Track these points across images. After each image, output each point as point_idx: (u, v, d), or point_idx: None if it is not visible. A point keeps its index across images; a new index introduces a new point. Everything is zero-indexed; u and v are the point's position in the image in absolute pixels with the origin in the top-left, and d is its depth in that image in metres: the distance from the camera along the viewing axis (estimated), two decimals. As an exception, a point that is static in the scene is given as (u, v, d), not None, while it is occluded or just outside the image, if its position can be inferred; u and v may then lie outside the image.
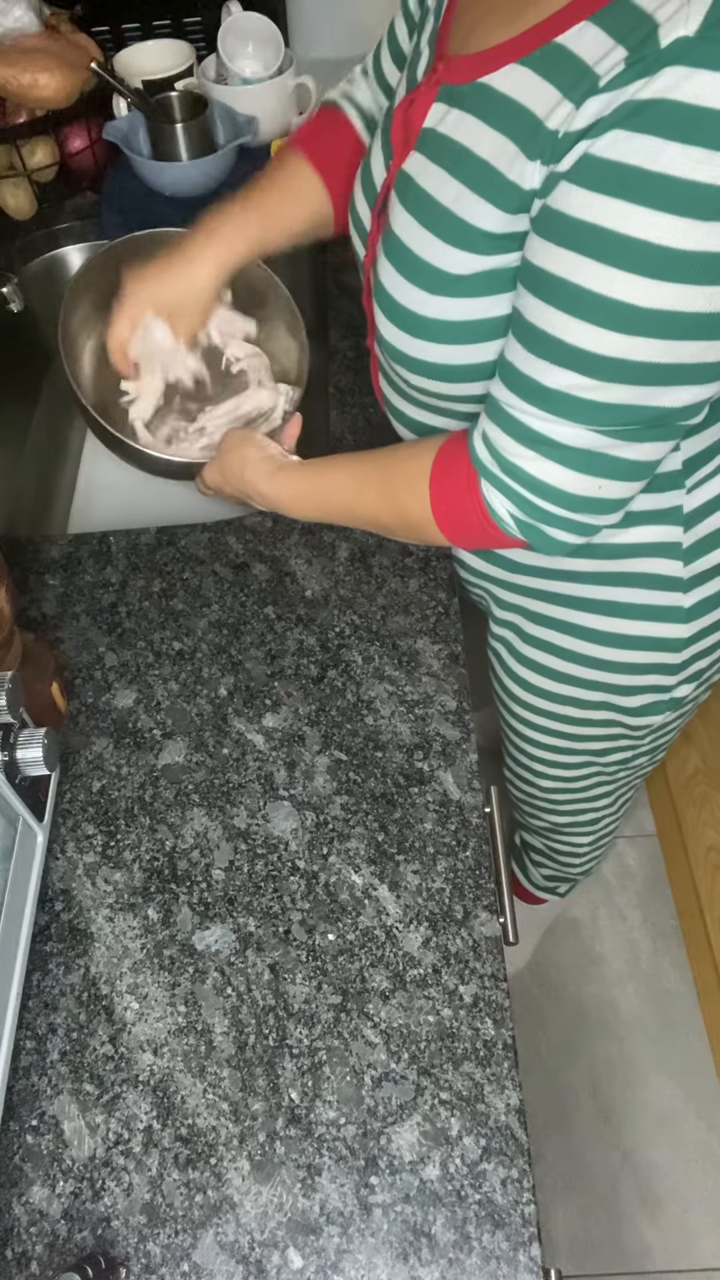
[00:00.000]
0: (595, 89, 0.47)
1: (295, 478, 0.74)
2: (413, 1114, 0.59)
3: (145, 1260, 0.56)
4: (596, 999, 1.48)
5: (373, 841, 0.70)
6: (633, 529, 0.71)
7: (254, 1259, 0.56)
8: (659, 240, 0.47)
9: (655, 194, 0.46)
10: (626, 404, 0.54)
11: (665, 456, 0.60)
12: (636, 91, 0.45)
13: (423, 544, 0.71)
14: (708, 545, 0.72)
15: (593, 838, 1.18)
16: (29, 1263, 0.56)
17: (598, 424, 0.55)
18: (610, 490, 0.59)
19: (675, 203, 0.46)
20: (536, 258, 0.52)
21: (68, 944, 0.67)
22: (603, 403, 0.54)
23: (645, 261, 0.48)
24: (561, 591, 0.78)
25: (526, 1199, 0.57)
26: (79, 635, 0.82)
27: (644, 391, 0.53)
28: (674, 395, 0.54)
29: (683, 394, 0.54)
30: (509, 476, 0.60)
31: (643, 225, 0.47)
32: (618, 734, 0.89)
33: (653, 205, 0.46)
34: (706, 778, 1.55)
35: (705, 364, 0.52)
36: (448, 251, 0.57)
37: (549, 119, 0.50)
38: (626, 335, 0.50)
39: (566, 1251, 1.29)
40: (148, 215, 1.11)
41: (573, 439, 0.56)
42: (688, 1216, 1.31)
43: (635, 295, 0.49)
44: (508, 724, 0.98)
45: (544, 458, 0.58)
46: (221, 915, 0.67)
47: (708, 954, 1.43)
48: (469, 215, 0.56)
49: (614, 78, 0.46)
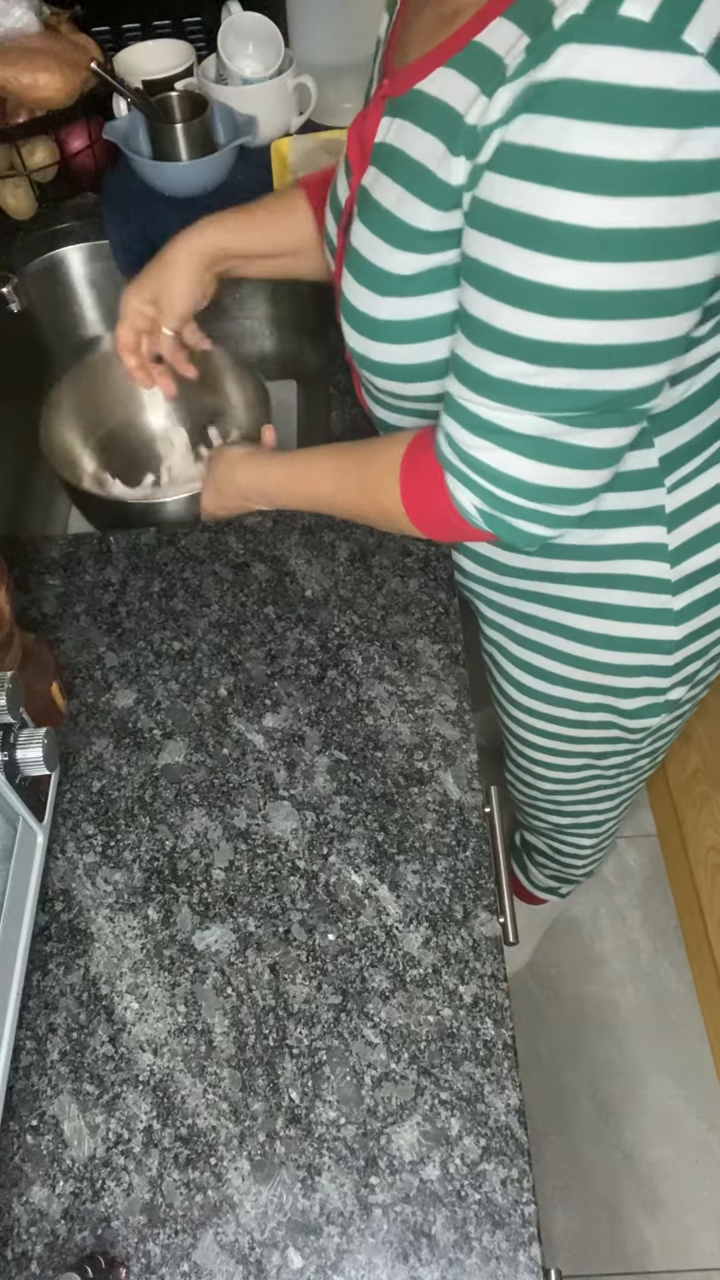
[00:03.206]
0: (504, 79, 0.48)
1: (282, 467, 0.78)
2: (413, 1114, 0.59)
3: (145, 1260, 0.56)
4: (596, 999, 1.48)
5: (373, 841, 0.70)
6: (616, 530, 0.71)
7: (254, 1259, 0.56)
8: (575, 221, 0.47)
9: (565, 174, 0.46)
10: (572, 388, 0.54)
11: (629, 445, 0.60)
12: (537, 74, 0.46)
13: (405, 534, 0.73)
14: (694, 547, 0.72)
15: (595, 839, 1.18)
16: (29, 1263, 0.56)
17: (545, 410, 0.56)
18: (571, 479, 0.59)
19: (585, 181, 0.46)
20: (471, 249, 0.53)
21: (68, 944, 0.67)
22: (547, 388, 0.54)
23: (565, 243, 0.48)
24: (551, 593, 0.79)
25: (526, 1199, 0.57)
26: (79, 635, 0.82)
27: (588, 375, 0.53)
28: (622, 378, 0.54)
29: (632, 376, 0.54)
30: (470, 469, 0.61)
31: (558, 207, 0.47)
32: (616, 737, 0.89)
33: (564, 186, 0.47)
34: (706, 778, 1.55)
35: (651, 344, 0.52)
36: (393, 254, 0.59)
37: (468, 114, 0.51)
38: (560, 319, 0.51)
39: (566, 1251, 1.29)
40: (148, 215, 1.11)
41: (523, 426, 0.57)
42: (688, 1216, 1.31)
43: (561, 278, 0.49)
44: (507, 726, 0.98)
45: (500, 447, 0.58)
46: (221, 915, 0.67)
47: (708, 954, 1.43)
48: (409, 216, 0.57)
49: (519, 65, 0.47)
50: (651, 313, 0.51)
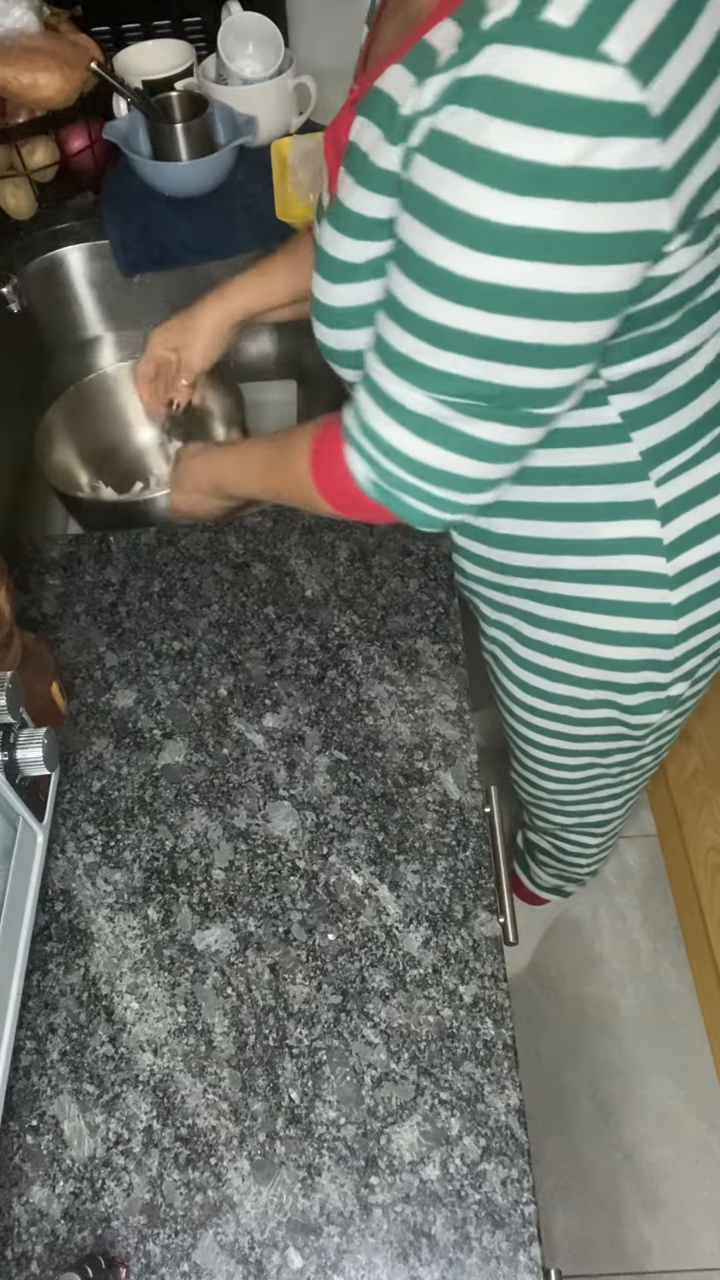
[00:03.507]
0: (434, 69, 0.50)
1: (227, 457, 0.82)
2: (413, 1114, 0.59)
3: (145, 1260, 0.56)
4: (596, 999, 1.48)
5: (373, 841, 0.70)
6: (608, 523, 0.72)
7: (254, 1259, 0.56)
8: (481, 213, 0.48)
9: (478, 167, 0.47)
10: (462, 375, 0.55)
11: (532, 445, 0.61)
12: (462, 70, 0.47)
13: (325, 513, 0.74)
14: (690, 541, 0.72)
15: (600, 838, 1.18)
16: (29, 1263, 0.56)
17: (436, 391, 0.57)
18: (459, 465, 0.61)
19: (494, 176, 0.47)
20: (397, 228, 0.55)
21: (68, 944, 0.67)
22: (440, 370, 0.56)
23: (470, 233, 0.49)
24: (550, 591, 0.79)
25: (526, 1199, 0.57)
26: (79, 635, 0.82)
27: (480, 365, 0.54)
28: (514, 374, 0.55)
29: (524, 374, 0.55)
30: (366, 440, 0.63)
31: (467, 197, 0.48)
32: (619, 734, 0.89)
33: (475, 178, 0.48)
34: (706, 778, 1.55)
35: (546, 346, 0.53)
36: (343, 241, 0.61)
37: (404, 104, 0.53)
38: (458, 305, 0.52)
39: (566, 1251, 1.29)
40: (148, 215, 1.11)
41: (415, 404, 0.58)
42: (688, 1216, 1.31)
43: (463, 266, 0.50)
44: (510, 726, 0.98)
45: (395, 422, 0.60)
46: (221, 915, 0.67)
47: (708, 954, 1.43)
48: (356, 205, 0.59)
49: (449, 58, 0.48)
50: (548, 315, 0.52)
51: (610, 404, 0.65)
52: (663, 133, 0.47)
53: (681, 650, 0.78)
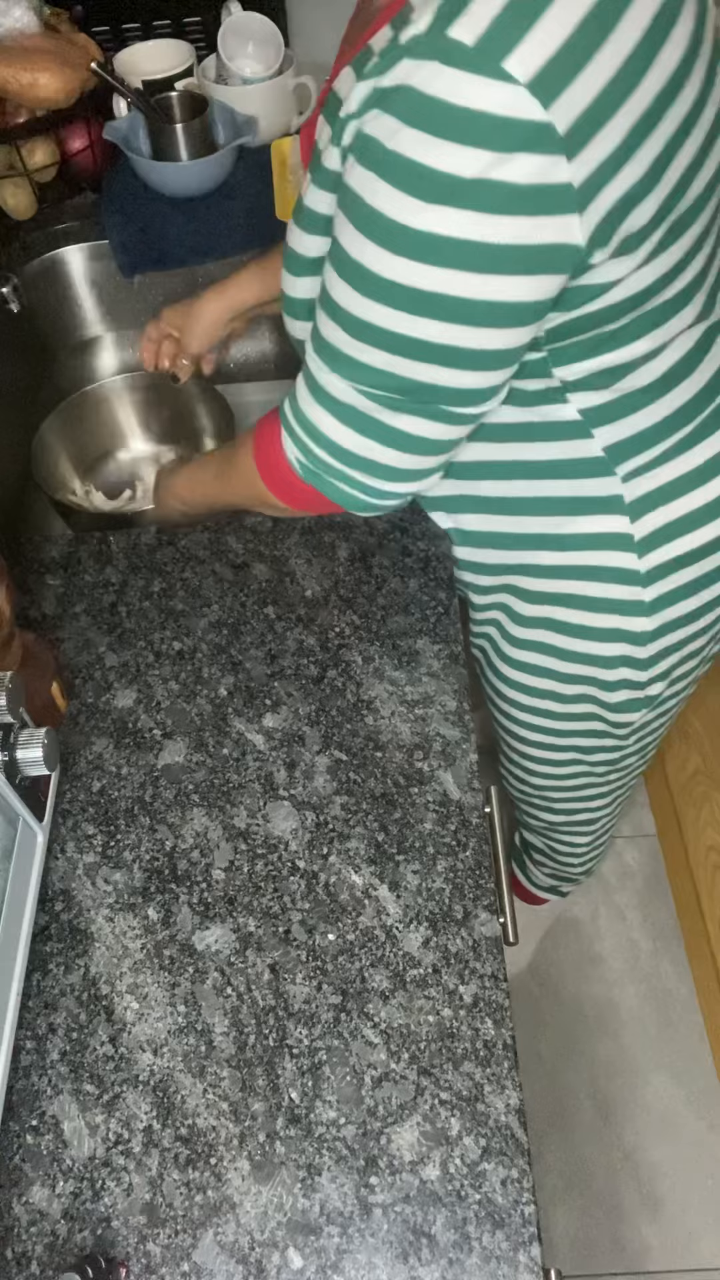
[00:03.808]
0: (364, 75, 0.52)
1: (189, 469, 0.85)
2: (413, 1114, 0.59)
3: (145, 1260, 0.56)
4: (596, 999, 1.48)
5: (373, 841, 0.70)
6: (577, 518, 0.73)
7: (254, 1259, 0.56)
8: (396, 216, 0.50)
9: (393, 172, 0.50)
10: (380, 369, 0.58)
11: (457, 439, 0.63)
12: (382, 80, 0.50)
13: (271, 509, 0.76)
14: (661, 538, 0.73)
15: (590, 837, 1.18)
16: (29, 1263, 0.56)
17: (357, 381, 0.59)
18: (380, 454, 0.63)
19: (406, 182, 0.49)
20: (333, 224, 0.57)
21: (68, 944, 0.67)
22: (359, 361, 0.58)
23: (385, 234, 0.51)
24: (529, 588, 0.80)
25: (526, 1199, 0.57)
26: (79, 635, 0.82)
27: (395, 360, 0.57)
28: (427, 372, 0.57)
29: (437, 373, 0.57)
30: (297, 423, 0.66)
31: (384, 200, 0.51)
32: (601, 731, 0.89)
33: (392, 182, 0.50)
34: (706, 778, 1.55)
35: (457, 349, 0.55)
36: (303, 237, 0.64)
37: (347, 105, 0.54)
38: (377, 302, 0.54)
39: (566, 1251, 1.29)
40: (148, 215, 1.11)
41: (340, 393, 0.61)
42: (688, 1216, 1.31)
43: (380, 266, 0.53)
44: (498, 722, 0.99)
45: (322, 408, 0.63)
46: (221, 915, 0.67)
47: (708, 954, 1.43)
48: (312, 202, 0.62)
49: (372, 66, 0.51)
50: (457, 319, 0.54)
51: (569, 401, 0.66)
52: (569, 150, 0.48)
53: (656, 648, 0.79)
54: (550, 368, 0.63)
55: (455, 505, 0.80)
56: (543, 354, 0.62)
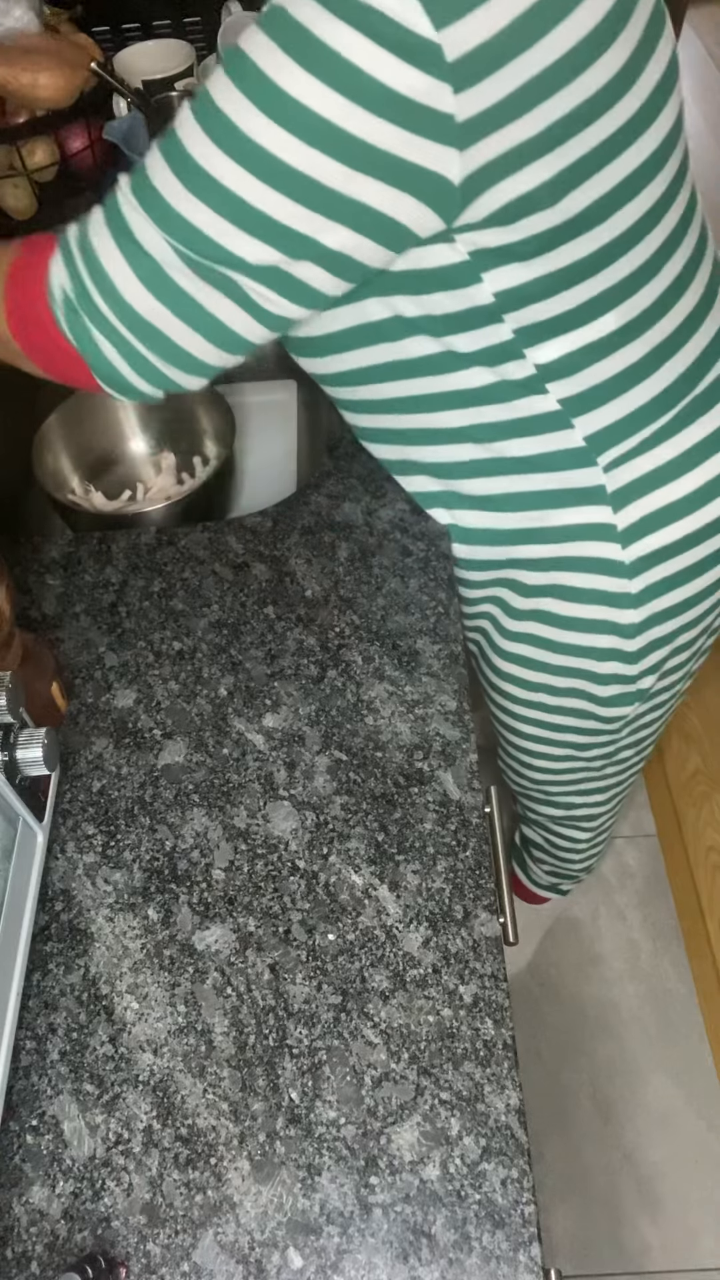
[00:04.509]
0: None
1: None
2: (413, 1114, 0.59)
3: (145, 1260, 0.56)
4: (596, 999, 1.48)
5: (373, 841, 0.70)
6: (560, 510, 0.74)
7: (254, 1259, 0.56)
8: (274, 76, 0.50)
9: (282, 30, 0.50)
10: (203, 228, 0.54)
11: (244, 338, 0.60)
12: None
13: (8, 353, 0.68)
14: (644, 529, 0.73)
15: (590, 834, 1.18)
16: (29, 1263, 0.56)
17: (171, 233, 0.56)
18: (163, 321, 0.58)
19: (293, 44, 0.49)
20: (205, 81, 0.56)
21: (68, 944, 0.67)
22: (184, 216, 0.55)
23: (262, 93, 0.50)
24: (519, 580, 0.81)
25: (526, 1199, 0.57)
26: (79, 635, 0.82)
27: (226, 228, 0.54)
28: (248, 245, 0.54)
29: (256, 248, 0.54)
30: (80, 250, 0.60)
31: (264, 53, 0.50)
32: (594, 727, 0.90)
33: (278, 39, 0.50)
34: (706, 778, 1.55)
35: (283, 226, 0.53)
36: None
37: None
38: (230, 158, 0.52)
39: (566, 1251, 1.29)
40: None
41: (146, 239, 0.57)
42: (688, 1216, 1.31)
43: (247, 123, 0.51)
44: (494, 716, 0.99)
45: (117, 247, 0.58)
46: (221, 915, 0.67)
47: (708, 954, 1.43)
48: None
49: None
50: (301, 198, 0.52)
51: (548, 392, 0.66)
52: (456, 81, 0.48)
53: (644, 640, 0.79)
54: (521, 348, 0.63)
55: (449, 502, 0.80)
56: (511, 335, 0.63)
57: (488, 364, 0.65)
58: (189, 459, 1.11)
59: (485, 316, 0.62)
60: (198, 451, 1.10)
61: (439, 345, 0.65)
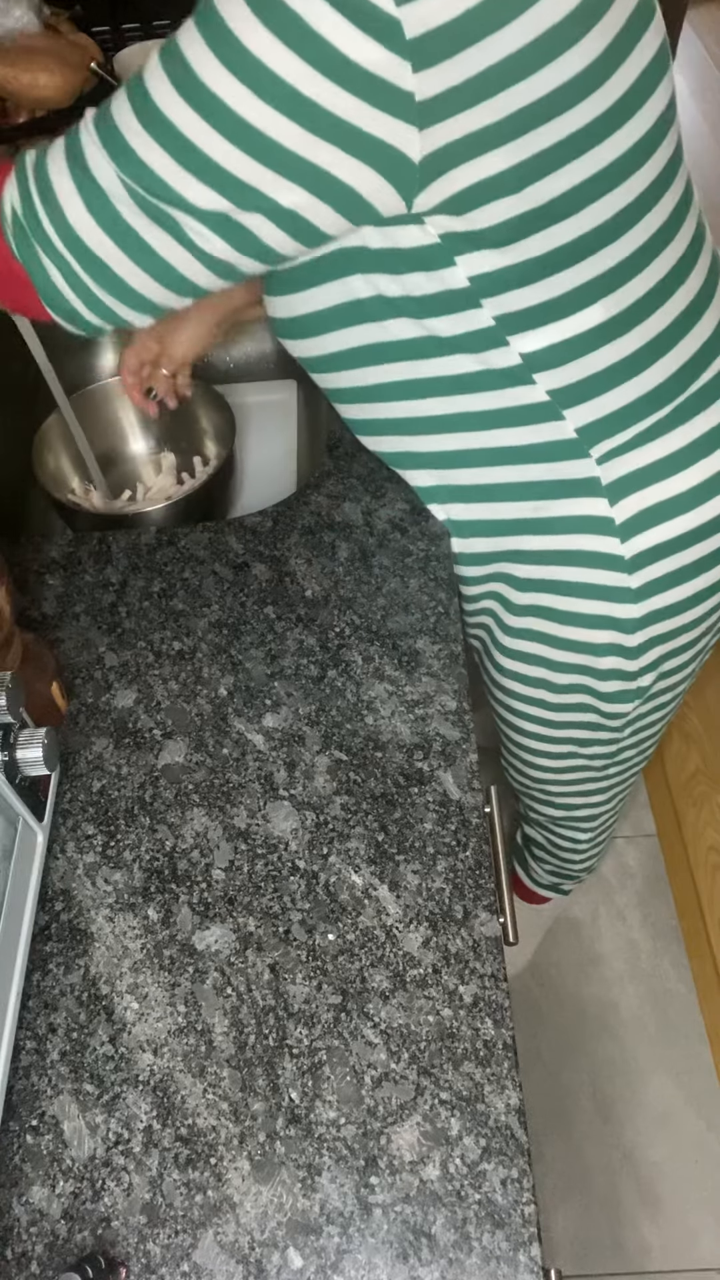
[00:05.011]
0: None
1: None
2: (413, 1114, 0.59)
3: (145, 1260, 0.56)
4: (596, 999, 1.48)
5: (373, 841, 0.70)
6: (556, 501, 0.73)
7: (254, 1259, 0.56)
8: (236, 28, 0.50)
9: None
10: (154, 168, 0.54)
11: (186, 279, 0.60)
12: None
13: None
14: (643, 523, 0.73)
15: (591, 833, 1.18)
16: (29, 1263, 0.56)
17: (123, 169, 0.56)
18: (111, 257, 0.58)
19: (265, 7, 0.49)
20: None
21: (68, 944, 0.67)
22: (139, 156, 0.55)
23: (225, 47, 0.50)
24: (519, 574, 0.81)
25: (526, 1199, 0.57)
26: (79, 635, 0.82)
27: (176, 168, 0.54)
28: (198, 191, 0.54)
29: (205, 195, 0.54)
30: (34, 171, 0.60)
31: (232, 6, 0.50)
32: (595, 723, 0.90)
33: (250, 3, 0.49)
34: (706, 778, 1.55)
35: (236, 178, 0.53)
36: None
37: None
38: (189, 106, 0.52)
39: (566, 1251, 1.29)
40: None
41: (100, 172, 0.57)
42: (688, 1216, 1.31)
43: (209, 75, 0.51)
44: (496, 713, 0.99)
45: (69, 174, 0.58)
46: (221, 915, 0.67)
47: (708, 954, 1.43)
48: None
49: None
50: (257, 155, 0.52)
51: (536, 383, 0.66)
52: (416, 60, 0.48)
53: (644, 637, 0.79)
54: (503, 335, 0.63)
55: (440, 495, 0.80)
56: (491, 322, 0.62)
57: (470, 350, 0.65)
58: (189, 459, 1.11)
59: (463, 300, 0.62)
60: (198, 451, 1.10)
61: (420, 329, 0.65)
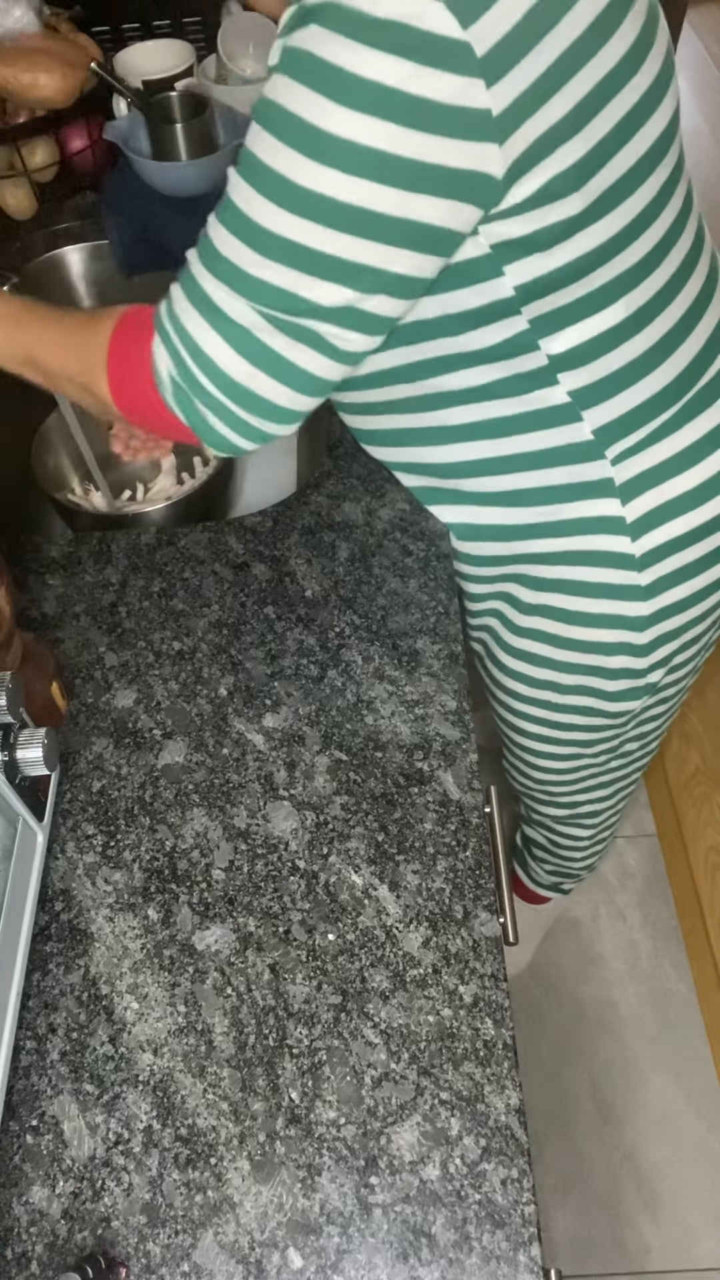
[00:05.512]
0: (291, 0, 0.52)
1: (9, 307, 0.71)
2: (413, 1114, 0.59)
3: (145, 1260, 0.56)
4: (596, 999, 1.48)
5: (373, 841, 0.70)
6: (569, 504, 0.74)
7: (254, 1259, 0.56)
8: (317, 121, 0.50)
9: (318, 76, 0.50)
10: (280, 285, 0.56)
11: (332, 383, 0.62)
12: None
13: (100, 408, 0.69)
14: (653, 521, 0.73)
15: (592, 832, 1.18)
16: (29, 1263, 0.56)
17: (257, 301, 0.58)
18: (261, 384, 0.61)
19: (332, 87, 0.50)
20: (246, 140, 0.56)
21: (68, 944, 0.67)
22: (262, 279, 0.57)
23: (302, 137, 0.51)
24: (527, 574, 0.80)
25: (526, 1199, 0.57)
26: (79, 635, 0.82)
27: (296, 276, 0.56)
28: (323, 290, 0.56)
29: (331, 292, 0.56)
30: (176, 335, 0.62)
31: (306, 104, 0.51)
32: (600, 723, 0.90)
33: (315, 87, 0.50)
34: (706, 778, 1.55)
35: (353, 263, 0.55)
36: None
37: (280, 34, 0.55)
38: (286, 211, 0.54)
39: (566, 1251, 1.29)
40: (148, 215, 1.11)
41: (236, 313, 0.59)
42: (688, 1216, 1.31)
43: (294, 170, 0.52)
44: (499, 715, 0.99)
45: (208, 325, 0.60)
46: (221, 915, 0.67)
47: (708, 954, 1.43)
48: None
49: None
50: (363, 233, 0.53)
51: (559, 383, 0.66)
52: (488, 76, 0.49)
53: (653, 634, 0.79)
54: (535, 339, 0.64)
55: (454, 499, 0.80)
56: (525, 325, 0.63)
57: (500, 359, 0.66)
58: (189, 459, 1.11)
59: (504, 310, 0.62)
60: (198, 451, 1.10)
61: (451, 346, 0.66)
